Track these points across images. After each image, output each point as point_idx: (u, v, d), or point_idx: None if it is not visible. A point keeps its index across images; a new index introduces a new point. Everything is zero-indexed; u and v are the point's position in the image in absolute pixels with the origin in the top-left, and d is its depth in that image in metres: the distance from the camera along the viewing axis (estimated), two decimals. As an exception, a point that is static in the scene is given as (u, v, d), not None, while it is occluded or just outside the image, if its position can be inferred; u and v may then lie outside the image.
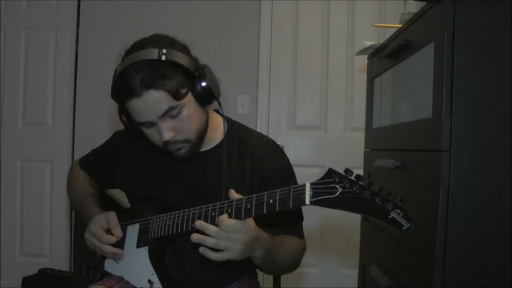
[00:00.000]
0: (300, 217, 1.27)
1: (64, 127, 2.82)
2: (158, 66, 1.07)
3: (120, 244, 1.23)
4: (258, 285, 1.36)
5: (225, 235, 1.00)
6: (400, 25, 1.39)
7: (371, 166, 1.56)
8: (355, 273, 1.82)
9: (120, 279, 1.23)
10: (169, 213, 1.16)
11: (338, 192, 0.88)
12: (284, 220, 1.18)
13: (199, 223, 1.03)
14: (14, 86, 2.81)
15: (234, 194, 1.04)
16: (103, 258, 1.27)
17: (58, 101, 2.82)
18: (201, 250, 1.02)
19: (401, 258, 1.25)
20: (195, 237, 1.02)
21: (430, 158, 1.05)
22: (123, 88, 1.09)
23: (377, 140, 1.58)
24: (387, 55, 1.39)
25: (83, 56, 2.83)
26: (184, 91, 1.10)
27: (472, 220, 0.97)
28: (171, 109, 1.09)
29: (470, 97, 0.98)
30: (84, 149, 1.50)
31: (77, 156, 1.49)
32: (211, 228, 1.01)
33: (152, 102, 1.08)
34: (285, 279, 1.40)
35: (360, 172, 1.75)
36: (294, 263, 1.26)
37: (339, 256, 2.74)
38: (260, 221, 1.03)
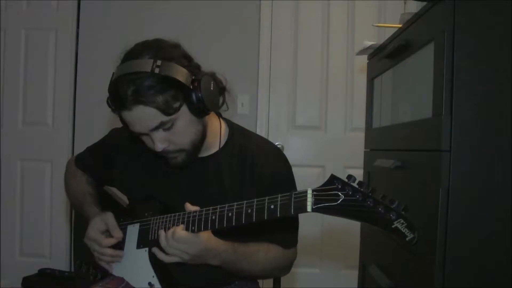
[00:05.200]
0: (292, 226, 1.25)
1: (64, 127, 2.82)
2: (150, 80, 1.04)
3: (120, 243, 1.23)
4: (257, 285, 1.36)
5: (175, 244, 1.08)
6: (400, 25, 1.39)
7: (371, 166, 1.56)
8: (355, 273, 1.82)
9: (121, 280, 1.23)
10: (169, 215, 1.15)
11: (340, 200, 0.86)
12: (273, 227, 1.17)
13: (160, 232, 1.11)
14: (14, 86, 2.81)
15: (189, 207, 1.10)
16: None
17: (58, 101, 2.82)
18: (153, 249, 1.13)
19: (401, 258, 1.25)
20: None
21: (430, 158, 1.05)
22: (115, 98, 1.08)
23: (377, 140, 1.58)
24: (387, 55, 1.39)
25: (83, 56, 2.83)
26: (177, 105, 1.07)
27: (472, 220, 0.97)
28: (163, 123, 1.08)
29: (470, 97, 0.98)
30: (84, 149, 1.49)
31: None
32: (162, 237, 1.10)
33: (142, 117, 1.07)
34: (285, 279, 1.40)
35: (360, 172, 1.76)
36: (272, 272, 1.28)
37: (339, 256, 2.74)
38: (245, 227, 1.02)
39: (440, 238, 0.97)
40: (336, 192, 0.87)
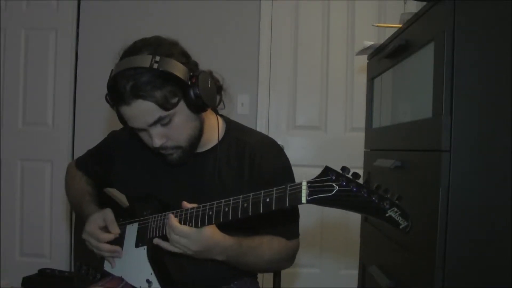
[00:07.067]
0: (292, 217, 1.26)
1: (64, 127, 2.82)
2: (149, 75, 1.05)
3: (119, 243, 1.23)
4: (257, 285, 1.36)
5: (177, 238, 1.06)
6: (400, 25, 1.39)
7: (371, 166, 1.56)
8: (355, 273, 1.82)
9: (120, 280, 1.23)
10: (166, 213, 1.16)
11: (335, 191, 0.87)
12: (273, 220, 1.18)
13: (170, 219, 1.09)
14: (14, 86, 2.81)
15: (186, 205, 1.09)
16: (103, 258, 1.27)
17: (58, 101, 2.82)
18: (155, 241, 1.12)
19: (401, 258, 1.25)
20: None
21: (430, 158, 1.05)
22: (114, 94, 1.09)
23: (377, 140, 1.58)
24: (387, 55, 1.39)
25: (83, 56, 2.83)
26: (175, 100, 1.09)
27: (472, 220, 0.97)
28: (161, 119, 1.09)
29: (470, 97, 0.98)
30: (84, 149, 1.49)
31: (77, 156, 1.49)
32: (167, 230, 1.08)
33: (141, 111, 1.08)
34: (285, 279, 1.40)
35: (360, 172, 1.75)
36: (277, 264, 1.27)
37: (339, 256, 2.74)
38: (246, 220, 1.03)
39: (440, 238, 0.97)
40: (331, 183, 0.87)
